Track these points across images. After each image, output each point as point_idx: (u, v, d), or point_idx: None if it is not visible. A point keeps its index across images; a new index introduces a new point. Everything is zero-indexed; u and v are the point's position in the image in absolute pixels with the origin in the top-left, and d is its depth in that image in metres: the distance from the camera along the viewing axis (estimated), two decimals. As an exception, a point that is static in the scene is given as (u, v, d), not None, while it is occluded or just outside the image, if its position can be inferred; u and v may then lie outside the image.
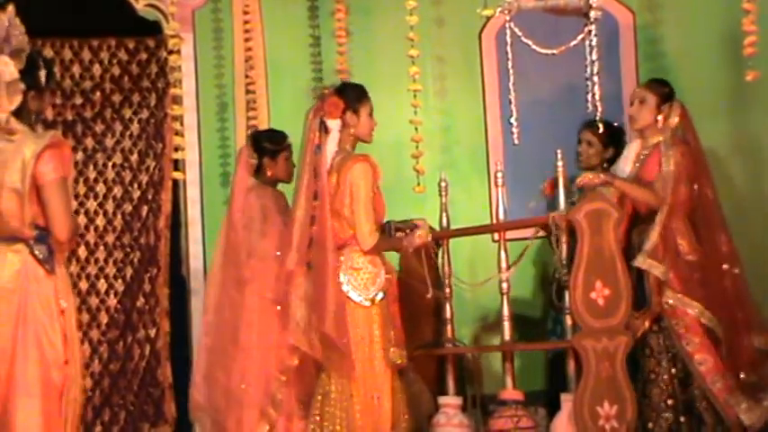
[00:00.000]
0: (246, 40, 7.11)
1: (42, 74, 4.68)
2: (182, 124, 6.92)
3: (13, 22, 4.61)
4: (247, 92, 7.11)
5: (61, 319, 4.55)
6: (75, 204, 7.02)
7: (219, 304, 6.11)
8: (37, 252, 4.54)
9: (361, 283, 5.50)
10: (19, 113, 4.58)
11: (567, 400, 5.88)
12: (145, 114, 7.17)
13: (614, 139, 6.55)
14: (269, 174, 6.18)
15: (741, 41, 6.40)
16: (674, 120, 6.02)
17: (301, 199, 5.59)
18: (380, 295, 5.54)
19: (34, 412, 4.49)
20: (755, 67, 6.36)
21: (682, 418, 5.91)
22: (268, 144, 6.21)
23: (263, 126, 7.00)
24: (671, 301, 5.86)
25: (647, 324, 5.92)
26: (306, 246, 5.54)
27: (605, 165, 6.48)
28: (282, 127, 6.96)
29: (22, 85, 4.54)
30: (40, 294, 4.53)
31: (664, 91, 6.07)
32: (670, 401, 5.88)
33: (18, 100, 4.54)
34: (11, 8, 4.64)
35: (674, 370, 5.93)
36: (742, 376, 5.88)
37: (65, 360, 4.53)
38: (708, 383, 5.85)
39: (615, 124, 6.57)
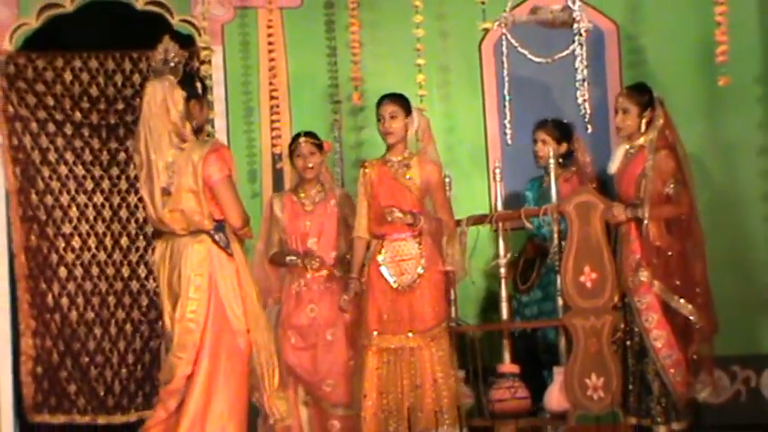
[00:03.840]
0: (270, 51, 7.25)
1: (199, 84, 5.12)
2: (213, 127, 7.11)
3: (170, 47, 5.06)
4: (271, 98, 7.26)
5: (240, 296, 4.99)
6: (117, 199, 7.41)
7: None
8: (218, 239, 5.01)
9: None
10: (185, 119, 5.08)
11: (558, 373, 6.05)
12: (180, 119, 7.47)
13: (566, 135, 6.67)
14: None
15: (713, 50, 6.59)
16: (659, 122, 6.05)
17: None
18: None
19: (218, 372, 5.00)
20: (727, 74, 6.57)
21: (630, 386, 6.00)
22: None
23: (286, 129, 7.22)
24: (643, 279, 5.91)
25: (615, 299, 6.03)
26: None
27: (561, 160, 6.52)
28: (302, 129, 6.81)
29: (183, 93, 4.99)
30: (225, 276, 5.02)
31: (643, 99, 6.09)
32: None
33: (181, 105, 4.98)
34: (166, 37, 5.11)
35: (629, 342, 6.03)
36: (695, 357, 5.96)
37: (247, 329, 4.97)
38: (660, 358, 5.91)
39: (564, 121, 6.69)
